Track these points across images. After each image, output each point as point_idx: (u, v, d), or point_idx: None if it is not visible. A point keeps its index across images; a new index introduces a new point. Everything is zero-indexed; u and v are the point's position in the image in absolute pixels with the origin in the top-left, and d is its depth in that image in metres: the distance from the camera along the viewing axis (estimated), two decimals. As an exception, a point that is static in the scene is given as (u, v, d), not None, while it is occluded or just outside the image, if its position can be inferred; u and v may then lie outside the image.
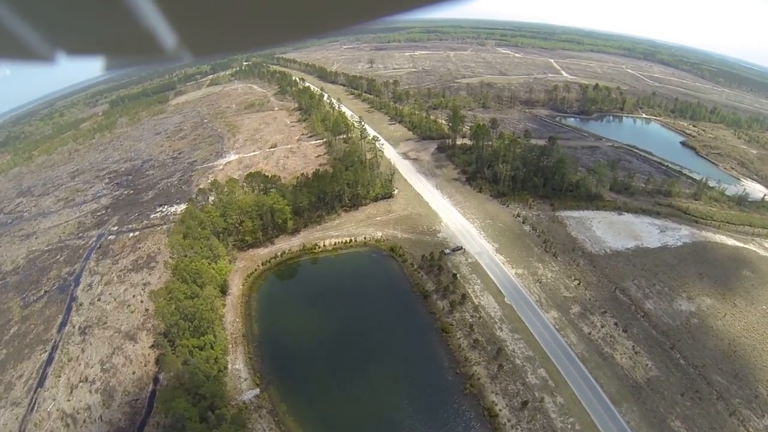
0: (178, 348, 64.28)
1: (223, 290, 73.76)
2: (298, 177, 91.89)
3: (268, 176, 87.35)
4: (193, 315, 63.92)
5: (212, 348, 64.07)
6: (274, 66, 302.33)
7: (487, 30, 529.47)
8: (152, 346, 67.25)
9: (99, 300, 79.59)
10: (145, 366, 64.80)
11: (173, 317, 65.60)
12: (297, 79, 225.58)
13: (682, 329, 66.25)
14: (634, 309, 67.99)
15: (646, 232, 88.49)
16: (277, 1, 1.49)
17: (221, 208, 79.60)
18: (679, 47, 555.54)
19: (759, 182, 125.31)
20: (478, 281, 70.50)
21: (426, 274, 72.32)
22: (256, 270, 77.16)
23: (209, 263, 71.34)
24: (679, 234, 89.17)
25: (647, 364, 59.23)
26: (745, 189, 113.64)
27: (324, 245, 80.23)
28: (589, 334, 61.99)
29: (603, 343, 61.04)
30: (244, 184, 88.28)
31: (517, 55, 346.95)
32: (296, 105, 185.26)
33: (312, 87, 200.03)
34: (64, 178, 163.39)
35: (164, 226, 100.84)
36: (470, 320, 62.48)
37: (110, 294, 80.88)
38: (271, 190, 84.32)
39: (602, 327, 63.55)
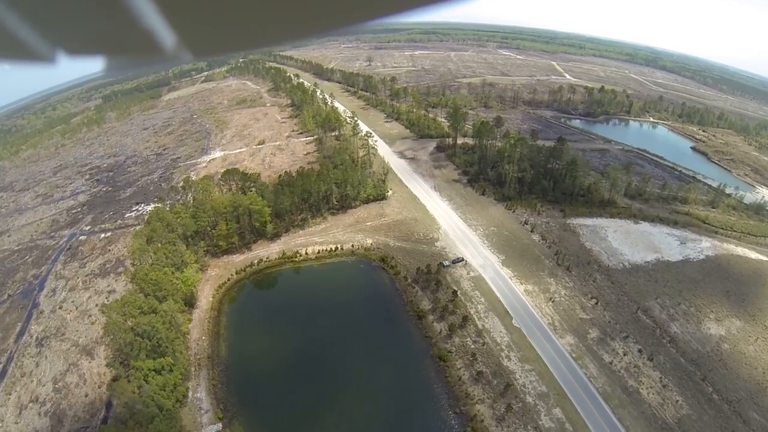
0: (131, 371, 56.05)
1: (191, 303, 64.99)
2: (280, 175, 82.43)
3: (246, 174, 78.06)
4: (149, 333, 55.04)
5: (171, 372, 55.54)
6: (270, 63, 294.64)
7: (488, 32, 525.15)
8: (108, 365, 59.79)
9: (60, 308, 73.97)
10: (99, 388, 57.89)
11: (127, 335, 57.07)
12: (292, 75, 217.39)
13: (712, 356, 59.43)
14: (659, 333, 60.06)
15: (666, 243, 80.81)
16: (277, 0, 1.50)
17: (192, 208, 70.31)
18: (679, 55, 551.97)
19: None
20: (482, 299, 61.30)
21: (421, 290, 63.05)
22: (229, 279, 68.07)
23: (173, 272, 62.10)
24: (701, 246, 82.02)
25: (677, 401, 51.53)
26: (763, 197, 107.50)
27: (306, 253, 70.94)
28: (611, 363, 53.43)
29: (627, 375, 52.71)
30: (221, 182, 78.91)
31: (518, 57, 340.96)
32: (289, 101, 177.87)
33: (306, 83, 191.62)
34: (46, 174, 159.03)
35: (138, 227, 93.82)
36: (472, 347, 53.20)
37: (73, 302, 75.09)
38: (251, 189, 75.06)
39: (625, 355, 55.16)
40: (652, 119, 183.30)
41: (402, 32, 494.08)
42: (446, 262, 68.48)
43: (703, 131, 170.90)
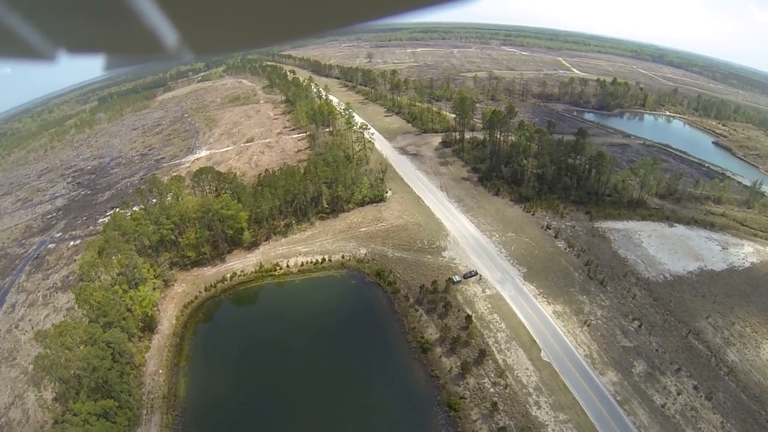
0: (66, 416, 46.19)
1: (150, 326, 54.50)
2: (260, 174, 71.54)
3: (221, 173, 67.36)
4: (88, 369, 44.81)
5: (116, 416, 45.38)
6: (268, 62, 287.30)
7: (490, 31, 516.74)
8: (55, 399, 52.19)
9: (17, 327, 68.36)
10: (42, 428, 49.67)
11: (64, 371, 47.08)
12: (288, 71, 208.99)
13: (778, 390, 48.21)
14: (715, 362, 49.66)
15: (706, 249, 70.51)
16: (278, 0, 1.50)
17: (154, 214, 59.66)
18: (684, 53, 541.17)
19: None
20: (502, 325, 49.95)
21: (426, 314, 51.84)
22: (197, 297, 57.50)
23: (126, 291, 51.54)
24: (744, 252, 72.18)
25: (745, 452, 40.52)
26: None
27: (288, 265, 60.07)
28: (664, 406, 42.76)
29: (683, 421, 42.26)
30: (193, 183, 68.24)
31: (523, 53, 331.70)
32: (283, 97, 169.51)
33: (300, 78, 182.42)
34: (31, 177, 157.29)
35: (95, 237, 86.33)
36: (492, 390, 42.04)
37: (30, 320, 69.23)
38: (226, 191, 64.37)
39: (679, 394, 44.56)
40: (667, 113, 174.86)
41: (403, 31, 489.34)
42: (456, 277, 57.45)
43: (723, 125, 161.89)
